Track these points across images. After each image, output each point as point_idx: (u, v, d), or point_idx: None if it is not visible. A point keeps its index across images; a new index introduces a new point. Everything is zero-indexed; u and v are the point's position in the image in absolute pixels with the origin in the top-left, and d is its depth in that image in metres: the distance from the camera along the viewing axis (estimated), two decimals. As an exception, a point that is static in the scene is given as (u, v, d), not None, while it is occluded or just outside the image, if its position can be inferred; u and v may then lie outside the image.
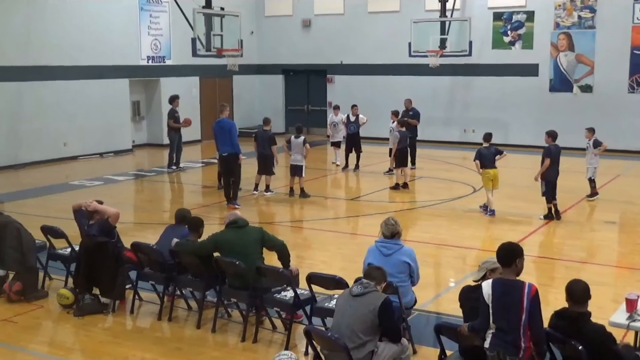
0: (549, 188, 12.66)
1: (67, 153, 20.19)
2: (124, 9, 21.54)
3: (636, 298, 6.19)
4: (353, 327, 5.76)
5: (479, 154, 13.14)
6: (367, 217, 13.39)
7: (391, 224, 7.10)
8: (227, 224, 7.85)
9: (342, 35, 25.00)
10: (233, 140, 13.87)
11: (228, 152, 13.88)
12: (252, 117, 26.20)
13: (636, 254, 10.91)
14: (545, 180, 12.66)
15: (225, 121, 14.18)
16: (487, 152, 13.11)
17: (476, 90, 23.07)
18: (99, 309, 8.22)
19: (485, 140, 13.32)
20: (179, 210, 8.84)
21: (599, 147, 14.09)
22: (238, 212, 8.13)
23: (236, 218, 7.86)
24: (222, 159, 14.12)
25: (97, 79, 20.78)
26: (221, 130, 13.96)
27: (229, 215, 8.05)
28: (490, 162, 13.06)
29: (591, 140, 14.22)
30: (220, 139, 14.01)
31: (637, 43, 20.59)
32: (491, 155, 13.09)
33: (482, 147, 13.22)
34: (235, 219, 7.83)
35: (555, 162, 12.66)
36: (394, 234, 7.05)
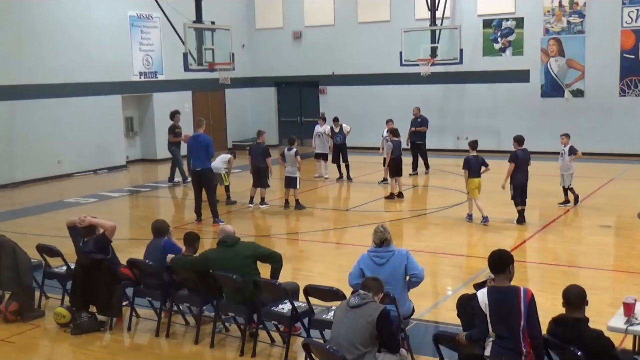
0: (516, 192, 12.78)
1: (61, 171, 20.16)
2: (115, 26, 21.57)
3: (634, 302, 6.19)
4: (351, 339, 5.74)
5: (467, 162, 13.10)
6: (362, 227, 13.37)
7: (380, 230, 7.07)
8: (217, 243, 7.81)
9: (333, 46, 25.08)
10: (209, 155, 13.77)
11: (202, 167, 13.70)
12: (245, 130, 26.25)
13: (632, 258, 10.93)
14: (512, 184, 12.78)
15: (203, 136, 13.96)
16: (474, 161, 13.09)
17: (468, 97, 23.14)
18: (96, 326, 8.18)
19: (472, 148, 13.28)
20: (154, 223, 8.67)
21: (574, 154, 13.98)
22: (229, 228, 8.04)
23: (225, 236, 7.75)
24: (196, 174, 13.87)
25: (89, 96, 20.79)
26: (198, 145, 13.76)
27: (219, 232, 7.97)
28: (477, 171, 13.06)
29: (567, 146, 14.08)
30: (196, 154, 13.83)
31: (627, 46, 20.70)
32: (478, 165, 13.07)
33: (470, 156, 13.18)
34: (224, 238, 7.73)
35: (522, 167, 12.76)
36: (383, 241, 7.01)
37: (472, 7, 22.67)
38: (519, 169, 12.76)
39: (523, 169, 12.81)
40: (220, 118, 25.96)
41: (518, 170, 12.76)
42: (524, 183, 12.87)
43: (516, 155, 12.76)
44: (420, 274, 7.00)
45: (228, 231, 7.89)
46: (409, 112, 21.77)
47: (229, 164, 15.68)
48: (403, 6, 23.66)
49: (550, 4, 21.63)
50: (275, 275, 7.59)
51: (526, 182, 12.92)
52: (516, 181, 12.79)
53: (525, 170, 12.85)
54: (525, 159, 12.85)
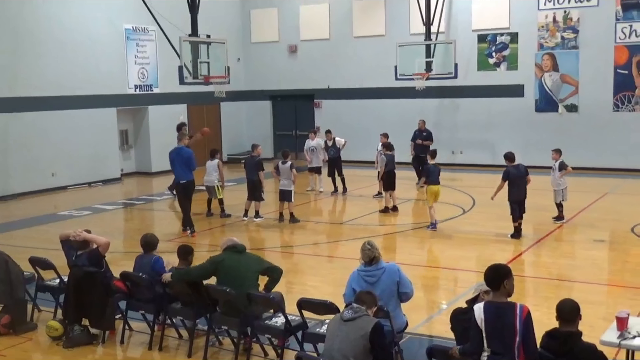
0: (513, 208, 12.83)
1: (55, 183, 20.13)
2: (110, 39, 21.62)
3: (627, 316, 6.20)
4: (345, 352, 5.73)
5: (427, 170, 13.99)
6: (357, 240, 13.30)
7: (367, 248, 6.99)
8: (225, 249, 7.79)
9: (328, 60, 25.16)
10: (191, 168, 13.91)
11: (186, 179, 13.86)
12: (240, 143, 26.27)
13: (626, 272, 10.94)
14: (509, 200, 12.89)
15: (184, 150, 14.06)
16: (434, 169, 13.82)
17: (463, 112, 23.21)
18: (89, 340, 8.15)
19: (432, 157, 14.13)
20: (143, 237, 8.61)
21: (564, 169, 13.94)
22: (235, 239, 8.06)
23: (235, 243, 7.81)
24: (182, 187, 13.97)
25: (84, 109, 20.80)
26: (180, 159, 13.87)
27: (227, 240, 7.95)
28: (435, 179, 13.77)
29: (558, 161, 14.04)
30: (178, 166, 13.93)
31: (620, 62, 20.81)
32: (437, 173, 13.82)
33: (431, 165, 13.93)
34: (235, 244, 7.78)
35: (517, 184, 12.79)
36: (372, 259, 6.97)
37: (466, 22, 22.78)
38: (513, 186, 12.76)
39: (518, 185, 12.79)
40: (215, 131, 25.92)
41: (513, 187, 12.77)
42: (521, 199, 12.85)
43: (508, 173, 12.81)
44: (410, 294, 7.02)
45: (234, 241, 7.90)
46: (403, 126, 21.93)
47: (220, 169, 15.58)
48: (398, 21, 23.77)
49: (545, 19, 21.75)
50: (269, 287, 7.59)
51: (524, 198, 12.90)
52: (512, 198, 12.80)
53: (521, 186, 12.83)
54: (520, 175, 12.84)
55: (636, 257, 11.77)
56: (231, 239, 8.01)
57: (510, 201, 12.84)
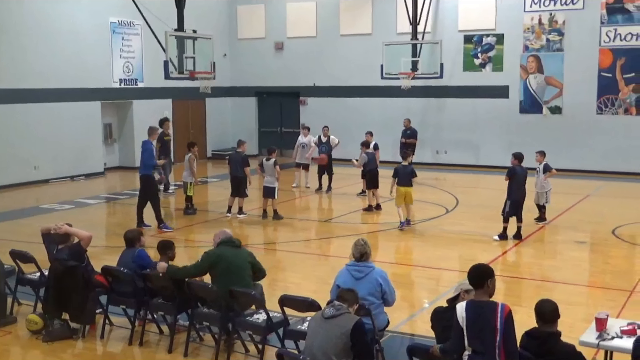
0: (512, 208, 12.75)
1: (38, 176, 19.98)
2: (95, 32, 21.48)
3: (606, 317, 6.24)
4: (325, 350, 5.73)
5: (395, 171, 13.80)
6: (339, 238, 13.38)
7: (360, 244, 7.11)
8: (220, 243, 7.76)
9: (314, 57, 25.16)
10: (145, 163, 13.93)
11: (141, 173, 14.01)
12: (225, 140, 26.21)
13: (606, 274, 11.03)
14: (509, 200, 12.78)
15: (143, 143, 14.28)
16: (403, 171, 13.70)
17: (448, 112, 23.28)
18: (69, 334, 8.10)
19: (403, 158, 14.11)
20: (126, 233, 8.61)
21: (548, 171, 13.99)
22: (228, 231, 8.02)
23: (230, 237, 7.79)
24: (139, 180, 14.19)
25: (68, 102, 20.65)
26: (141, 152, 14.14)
27: (220, 234, 7.90)
28: (405, 181, 13.62)
29: (542, 164, 14.08)
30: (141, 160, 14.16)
31: (604, 65, 20.95)
32: (407, 175, 13.64)
33: (400, 166, 13.87)
34: (231, 238, 7.77)
35: (520, 184, 12.76)
36: (362, 255, 7.05)
37: (453, 22, 22.85)
38: (516, 185, 12.71)
39: (520, 185, 12.76)
40: (200, 127, 25.91)
41: (515, 187, 12.72)
42: (520, 200, 12.81)
43: (514, 171, 12.74)
44: (391, 303, 7.10)
45: (229, 233, 7.88)
46: (389, 124, 22.01)
47: (190, 164, 15.39)
48: (385, 20, 23.80)
49: (530, 21, 21.86)
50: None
51: (523, 199, 12.88)
52: (513, 197, 12.74)
53: (522, 187, 12.81)
54: (524, 175, 12.82)
55: (617, 259, 11.88)
56: (224, 231, 7.96)
57: (510, 200, 12.75)
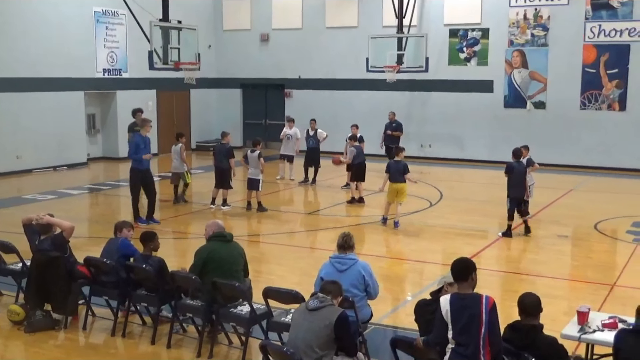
0: (512, 206, 12.69)
1: (20, 166, 19.82)
2: (79, 21, 21.31)
3: (587, 311, 6.30)
4: (309, 342, 5.74)
5: (388, 167, 13.58)
6: (324, 231, 13.40)
7: (345, 235, 7.14)
8: (211, 236, 7.72)
9: (300, 49, 25.11)
10: (131, 156, 13.77)
11: (131, 167, 13.87)
12: (209, 131, 26.11)
13: (588, 267, 11.11)
14: (509, 197, 12.73)
15: (136, 135, 14.04)
16: (395, 167, 13.48)
17: (432, 105, 23.33)
18: (51, 325, 8.05)
19: (396, 154, 13.82)
20: (116, 223, 8.69)
21: (530, 166, 13.81)
22: (220, 222, 7.99)
23: (222, 230, 7.74)
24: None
25: (51, 91, 20.49)
26: (131, 144, 13.92)
27: (212, 225, 7.84)
28: (397, 177, 13.40)
29: (525, 158, 13.88)
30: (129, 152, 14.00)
31: (588, 61, 21.07)
32: (399, 170, 13.40)
33: (392, 161, 13.69)
34: (222, 232, 7.72)
35: (518, 180, 12.67)
36: (346, 248, 7.07)
37: (438, 16, 22.88)
38: (515, 182, 12.64)
39: (519, 182, 12.70)
40: (184, 118, 25.79)
41: (514, 183, 12.64)
42: (520, 197, 12.75)
43: (512, 167, 12.65)
44: (374, 296, 7.12)
45: (221, 225, 7.83)
46: (373, 117, 22.04)
47: (182, 154, 15.41)
48: (371, 12, 23.79)
49: (516, 16, 21.93)
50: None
51: (523, 195, 12.82)
52: (513, 194, 12.68)
53: (521, 183, 12.73)
54: (521, 172, 12.76)
55: (598, 254, 11.98)
56: (217, 222, 7.91)
57: (510, 198, 12.69)
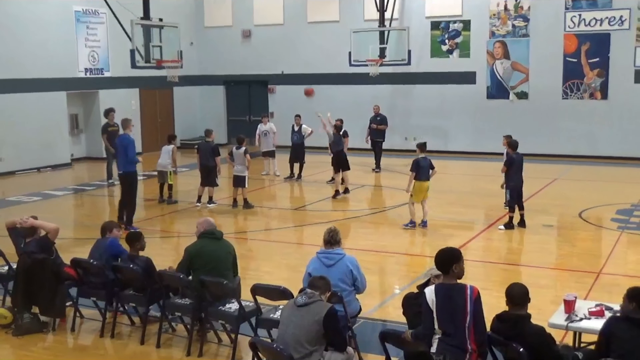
0: (513, 197, 12.69)
1: (3, 168, 19.67)
2: (59, 21, 21.14)
3: (574, 299, 6.36)
4: (299, 338, 5.76)
5: (416, 164, 12.69)
6: (310, 226, 13.41)
7: (331, 230, 7.16)
8: (202, 234, 7.71)
9: (282, 45, 25.06)
10: (129, 157, 13.11)
11: (122, 170, 13.21)
12: (193, 129, 26.01)
13: (574, 256, 11.20)
14: (509, 189, 12.73)
15: (123, 137, 13.40)
16: (424, 164, 12.71)
17: (416, 98, 23.38)
18: (39, 327, 8.02)
19: (421, 150, 12.90)
20: (104, 223, 8.71)
21: None
22: (211, 220, 7.98)
23: (212, 228, 7.73)
24: (119, 178, 13.51)
25: (33, 92, 20.33)
26: (119, 148, 13.35)
27: (203, 223, 7.83)
28: (426, 174, 12.73)
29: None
30: (118, 156, 13.46)
31: (569, 50, 21.19)
32: (427, 168, 12.73)
33: (420, 158, 12.75)
34: (212, 230, 7.71)
35: (518, 171, 12.68)
36: (333, 243, 7.08)
37: (420, 9, 22.91)
38: (515, 174, 12.61)
39: (519, 173, 12.70)
40: (168, 116, 25.69)
41: (515, 174, 12.61)
42: (519, 187, 12.76)
43: (512, 160, 12.59)
44: (363, 289, 7.16)
45: (212, 223, 7.83)
46: (357, 111, 22.05)
47: (173, 155, 15.45)
48: (352, 7, 23.78)
49: (496, 7, 22.01)
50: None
51: (522, 186, 12.82)
52: (513, 185, 12.67)
53: (520, 174, 12.74)
54: (520, 161, 12.76)
55: (583, 242, 12.07)
56: (208, 220, 7.91)
57: (510, 188, 12.68)
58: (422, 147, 12.97)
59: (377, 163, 19.64)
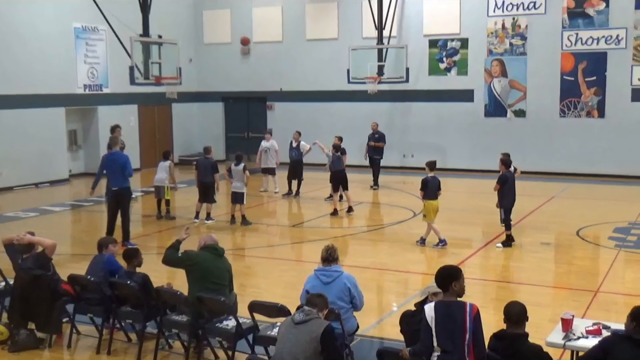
0: (507, 215, 12.66)
1: (1, 184, 19.67)
2: (59, 38, 21.23)
3: (571, 318, 6.35)
4: (296, 355, 5.74)
5: (425, 184, 12.63)
6: (308, 243, 13.40)
7: (329, 248, 7.16)
8: (204, 247, 7.72)
9: (281, 62, 25.17)
10: (126, 175, 12.97)
11: (119, 186, 12.95)
12: (191, 145, 26.07)
13: (571, 274, 11.19)
14: (503, 207, 12.68)
15: (119, 154, 13.22)
16: (433, 182, 12.66)
17: (414, 115, 23.45)
18: (35, 344, 7.99)
19: (430, 168, 12.82)
20: (100, 240, 8.73)
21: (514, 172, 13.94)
22: (215, 236, 7.98)
23: (215, 244, 7.76)
24: (114, 194, 13.13)
25: (31, 108, 20.37)
26: (113, 164, 13.03)
27: (207, 238, 7.87)
28: (434, 193, 12.70)
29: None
30: (112, 173, 13.15)
31: (566, 69, 21.29)
32: (436, 187, 12.72)
33: (429, 177, 12.67)
34: (215, 245, 7.73)
35: (512, 189, 12.66)
36: (331, 260, 7.09)
37: (418, 27, 23.04)
38: (509, 191, 12.57)
39: (512, 190, 12.68)
40: (166, 133, 25.74)
41: (509, 192, 12.57)
42: (512, 206, 12.74)
43: (506, 178, 12.53)
44: (361, 307, 7.16)
45: (215, 239, 7.86)
46: (356, 128, 22.12)
47: (171, 171, 15.48)
48: (351, 24, 23.91)
49: (494, 25, 22.14)
50: None
51: (514, 203, 12.79)
52: (507, 204, 12.64)
53: (513, 191, 12.70)
54: (513, 179, 12.75)
55: (581, 260, 12.06)
56: (211, 236, 7.94)
57: (504, 208, 12.62)
58: (432, 165, 12.90)
59: (375, 180, 19.66)
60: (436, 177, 12.84)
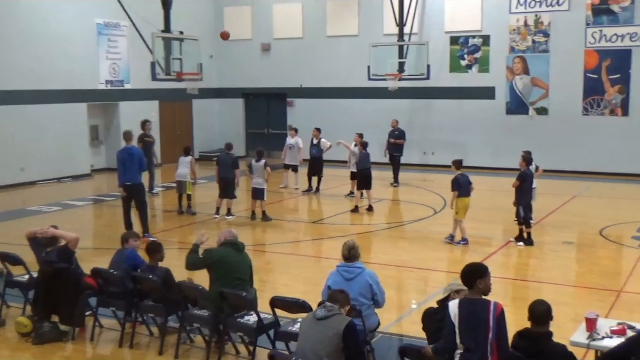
0: (526, 213, 12.61)
1: (24, 178, 19.87)
2: (81, 34, 21.38)
3: (595, 317, 6.29)
4: (317, 351, 5.74)
5: (457, 183, 12.53)
6: (329, 240, 13.40)
7: (350, 245, 7.15)
8: (224, 243, 7.74)
9: (301, 58, 25.17)
10: (141, 170, 13.18)
11: (133, 182, 13.05)
12: (212, 141, 26.16)
13: (594, 274, 11.10)
14: (521, 205, 12.60)
15: (135, 149, 13.41)
16: (464, 181, 12.59)
17: (434, 113, 23.35)
18: (59, 336, 8.06)
19: (457, 167, 12.78)
20: (123, 234, 8.82)
21: (536, 171, 13.76)
22: (234, 231, 8.00)
23: (235, 239, 7.79)
24: (128, 189, 13.13)
25: (54, 103, 20.55)
26: (130, 159, 13.05)
27: (226, 233, 7.89)
28: (467, 190, 12.64)
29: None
30: (129, 167, 13.10)
31: (590, 66, 21.10)
32: (467, 184, 12.63)
33: (459, 175, 12.62)
34: (235, 240, 7.76)
35: (529, 187, 12.64)
36: (352, 257, 7.08)
37: (439, 23, 22.93)
38: (527, 189, 12.57)
39: (529, 188, 12.67)
40: (187, 128, 25.85)
41: (527, 190, 12.58)
42: (530, 203, 12.74)
43: (526, 175, 12.51)
44: (383, 303, 7.14)
45: (235, 234, 7.89)
46: (376, 126, 22.06)
47: (192, 166, 15.55)
48: (371, 21, 23.85)
49: (516, 22, 21.98)
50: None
51: (531, 200, 12.80)
52: (525, 201, 12.62)
53: (530, 188, 12.72)
54: (532, 177, 12.77)
55: (604, 259, 11.97)
56: (230, 231, 7.96)
57: (522, 205, 12.56)
58: (458, 164, 12.85)
59: (395, 177, 19.63)
60: (464, 174, 12.77)
